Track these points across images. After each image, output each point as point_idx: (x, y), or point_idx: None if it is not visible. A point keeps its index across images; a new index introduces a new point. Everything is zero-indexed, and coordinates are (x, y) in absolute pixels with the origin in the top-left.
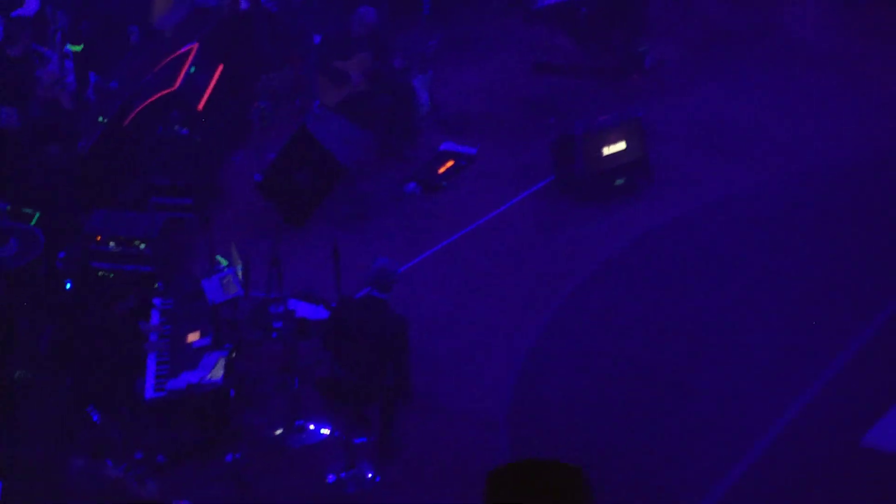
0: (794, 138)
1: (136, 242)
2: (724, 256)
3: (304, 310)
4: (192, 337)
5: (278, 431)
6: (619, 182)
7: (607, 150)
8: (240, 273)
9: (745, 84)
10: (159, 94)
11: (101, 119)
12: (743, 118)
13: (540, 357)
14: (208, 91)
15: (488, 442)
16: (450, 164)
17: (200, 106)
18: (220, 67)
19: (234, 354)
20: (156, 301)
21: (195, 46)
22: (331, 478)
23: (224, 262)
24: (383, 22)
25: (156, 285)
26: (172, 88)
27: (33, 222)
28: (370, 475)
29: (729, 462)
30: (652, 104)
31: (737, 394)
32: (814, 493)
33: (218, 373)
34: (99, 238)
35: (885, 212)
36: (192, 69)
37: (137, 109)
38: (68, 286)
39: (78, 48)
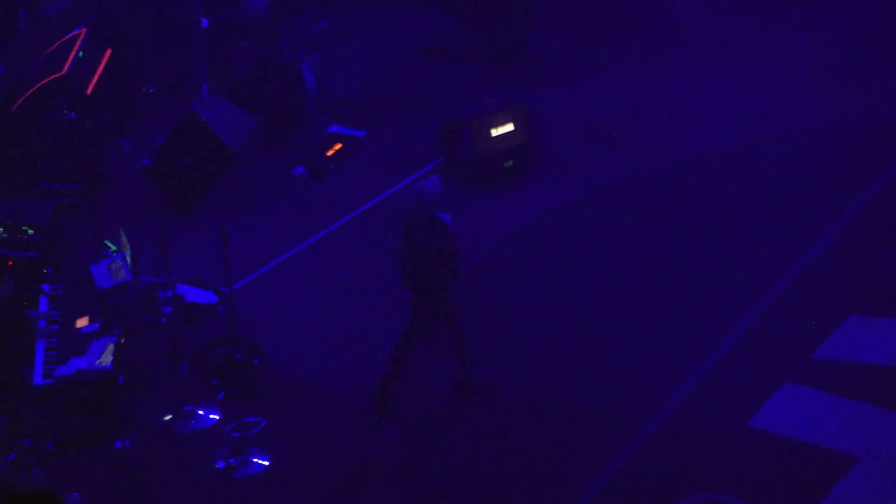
0: (678, 123)
1: (24, 228)
2: (608, 240)
3: (193, 295)
4: (81, 322)
5: (167, 417)
6: (508, 164)
7: (495, 132)
8: (128, 258)
9: (630, 69)
10: (47, 80)
11: None
12: (628, 103)
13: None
14: (96, 76)
15: (376, 429)
16: (338, 147)
17: (89, 90)
18: (109, 52)
19: (122, 340)
20: (44, 287)
21: (83, 31)
22: (220, 463)
23: (113, 248)
24: (272, 7)
25: (44, 271)
26: (61, 73)
27: None
28: (259, 460)
29: (618, 447)
30: (538, 89)
31: (619, 381)
32: (703, 471)
33: (107, 358)
34: None
35: (766, 194)
36: (81, 54)
37: (25, 95)
38: None
39: None
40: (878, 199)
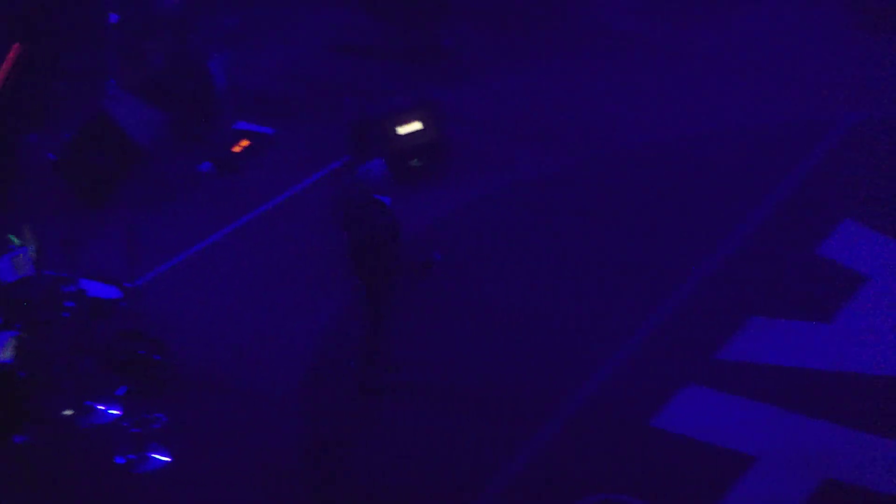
0: (597, 120)
1: None
2: (519, 240)
3: (96, 289)
4: None
5: (68, 412)
6: (415, 163)
7: (402, 131)
8: (32, 252)
9: (547, 66)
10: None
11: None
12: (545, 101)
13: (334, 338)
14: (4, 71)
15: (279, 423)
16: (245, 143)
17: None
18: (17, 47)
19: (24, 334)
20: None
21: None
22: (119, 459)
23: (16, 241)
24: (184, 2)
25: None
26: None
27: None
28: (159, 456)
29: (520, 445)
30: (453, 86)
31: (523, 379)
32: (603, 470)
33: (8, 353)
34: None
35: (680, 192)
36: None
37: None
38: None
39: None
40: (789, 200)
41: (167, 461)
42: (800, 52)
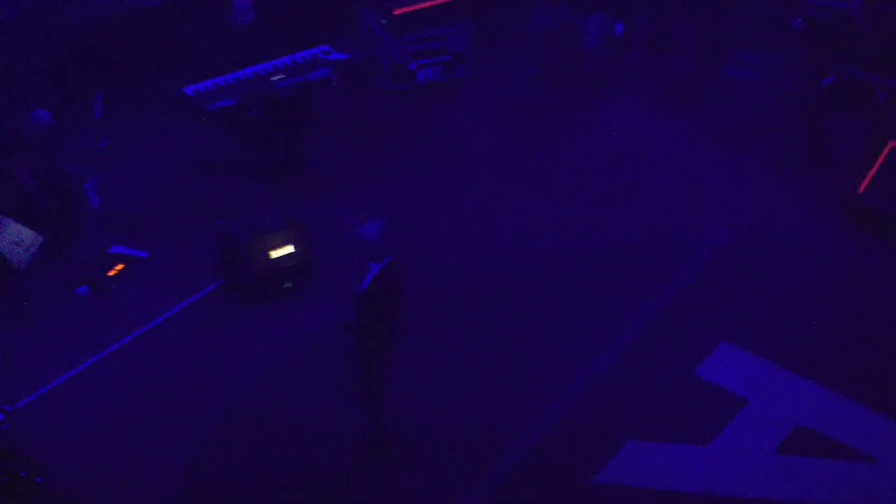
0: (452, 235)
1: None
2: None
3: None
4: None
5: None
6: (287, 285)
7: (274, 254)
8: None
9: (408, 183)
10: None
11: None
12: (404, 218)
13: (204, 465)
14: None
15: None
16: (120, 267)
17: None
18: None
19: None
20: None
21: None
22: None
23: None
24: (55, 124)
25: None
26: None
27: None
28: None
29: None
30: (315, 202)
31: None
32: None
33: None
34: None
35: (550, 314)
36: None
37: None
38: None
39: None
40: (661, 320)
41: None
42: (661, 168)
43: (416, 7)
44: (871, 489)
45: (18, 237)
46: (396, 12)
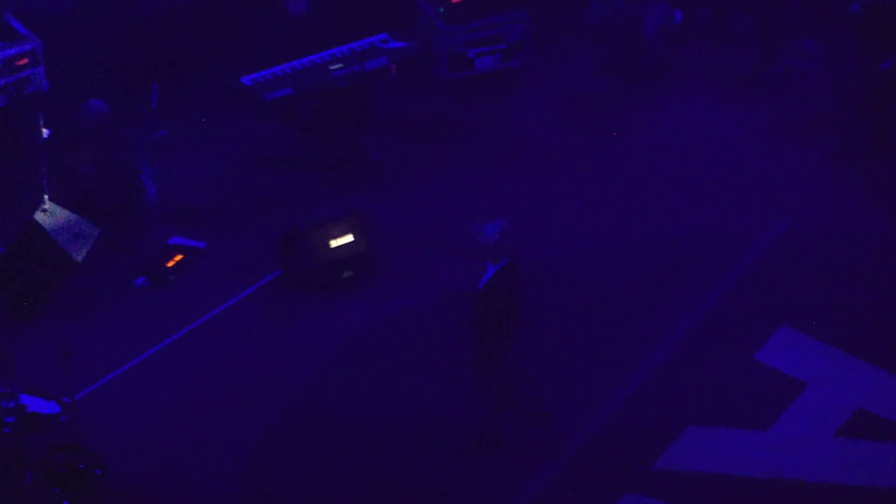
0: (518, 232)
1: None
2: (450, 350)
3: (35, 404)
4: None
5: None
6: (347, 274)
7: (333, 243)
8: None
9: (470, 178)
10: None
11: None
12: (468, 212)
13: (266, 458)
14: None
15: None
16: (178, 258)
17: None
18: None
19: None
20: None
21: None
22: None
23: None
24: (112, 115)
25: None
26: None
27: None
28: None
29: None
30: (377, 196)
31: None
32: None
33: None
34: None
35: (612, 305)
36: None
37: None
38: None
39: None
40: (722, 309)
41: None
42: (724, 158)
43: None
44: None
45: (77, 229)
46: (454, 0)
